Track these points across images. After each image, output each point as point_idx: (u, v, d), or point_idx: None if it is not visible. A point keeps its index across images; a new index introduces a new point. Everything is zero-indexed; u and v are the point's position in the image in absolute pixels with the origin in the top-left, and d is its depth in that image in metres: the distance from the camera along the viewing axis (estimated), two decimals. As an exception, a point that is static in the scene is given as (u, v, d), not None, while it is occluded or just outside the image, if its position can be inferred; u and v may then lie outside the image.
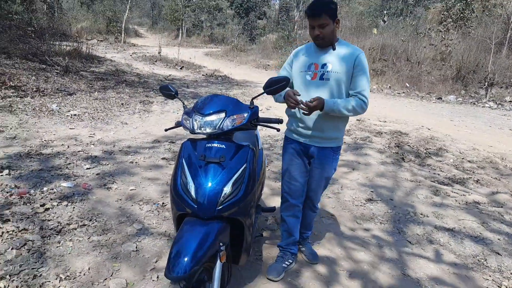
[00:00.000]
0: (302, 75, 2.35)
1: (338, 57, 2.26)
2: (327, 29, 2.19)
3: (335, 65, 2.25)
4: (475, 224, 3.59)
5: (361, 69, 2.24)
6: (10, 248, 2.48)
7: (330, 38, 2.23)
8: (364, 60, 2.26)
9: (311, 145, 2.39)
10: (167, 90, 2.25)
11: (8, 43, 10.07)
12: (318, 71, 2.29)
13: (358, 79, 2.24)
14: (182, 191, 1.86)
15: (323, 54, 2.30)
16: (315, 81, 2.29)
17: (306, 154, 2.45)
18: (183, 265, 1.59)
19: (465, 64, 13.50)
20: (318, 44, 2.28)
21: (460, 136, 7.18)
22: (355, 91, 2.25)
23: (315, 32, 2.21)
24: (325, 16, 2.15)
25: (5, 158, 4.01)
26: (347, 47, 2.29)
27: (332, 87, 2.26)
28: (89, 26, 28.46)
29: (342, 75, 2.24)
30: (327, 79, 2.26)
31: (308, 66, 2.33)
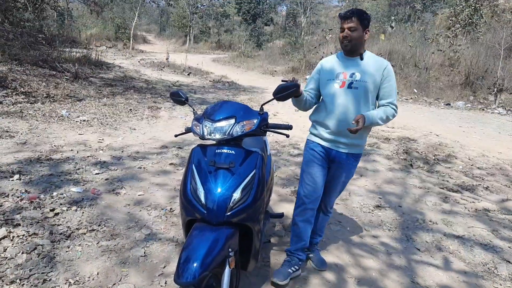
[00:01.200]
0: (330, 83, 2.40)
1: (366, 67, 2.33)
2: (356, 34, 2.26)
3: (364, 74, 2.32)
4: (485, 232, 3.55)
5: (391, 79, 2.33)
6: (20, 252, 2.51)
7: (357, 44, 2.30)
8: (392, 71, 2.36)
9: (333, 149, 2.44)
10: (178, 96, 2.28)
11: (19, 50, 10.23)
12: (346, 79, 2.35)
13: (389, 89, 2.34)
14: (191, 196, 1.87)
15: (352, 63, 2.37)
16: (343, 89, 2.35)
17: (327, 158, 2.49)
18: (192, 271, 1.59)
19: (473, 70, 13.42)
20: (345, 47, 2.33)
21: (469, 142, 7.11)
22: (387, 100, 2.35)
23: (343, 33, 2.29)
24: (355, 20, 2.24)
25: (16, 163, 4.06)
26: (375, 58, 2.39)
27: (360, 95, 2.32)
28: (98, 33, 28.87)
29: (370, 85, 2.31)
30: (356, 88, 2.32)
31: (336, 75, 2.39)
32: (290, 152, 5.69)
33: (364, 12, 2.29)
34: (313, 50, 19.18)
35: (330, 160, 2.49)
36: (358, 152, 2.48)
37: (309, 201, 2.52)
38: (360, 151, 2.49)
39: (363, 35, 2.30)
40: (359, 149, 2.48)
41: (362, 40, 2.31)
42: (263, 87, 13.60)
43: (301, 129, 7.24)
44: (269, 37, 32.58)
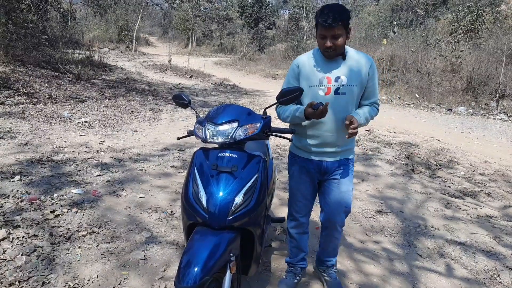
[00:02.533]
0: (313, 90, 2.14)
1: (351, 67, 2.10)
2: (341, 41, 1.99)
3: (350, 77, 2.09)
4: (487, 238, 3.53)
5: (375, 77, 2.17)
6: (20, 254, 2.49)
7: (341, 50, 2.06)
8: (375, 67, 2.17)
9: (323, 161, 2.23)
10: (180, 99, 2.27)
11: (22, 50, 10.27)
12: (331, 85, 2.10)
13: (373, 88, 2.19)
14: (193, 200, 1.86)
15: (334, 65, 2.11)
16: (329, 96, 2.10)
17: (317, 172, 2.28)
18: (193, 275, 1.58)
19: (475, 76, 13.41)
20: (328, 55, 2.08)
21: (471, 148, 7.09)
22: (370, 100, 2.22)
23: (327, 43, 1.99)
24: (340, 27, 1.95)
25: (17, 164, 4.06)
26: (357, 55, 2.14)
27: (349, 101, 2.12)
28: (101, 35, 28.98)
29: (356, 87, 2.11)
30: (343, 93, 2.10)
31: (320, 80, 2.12)
32: (292, 156, 5.67)
33: (345, 11, 1.98)
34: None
35: (322, 173, 2.27)
36: (352, 156, 2.32)
37: (302, 216, 2.42)
38: (352, 154, 2.32)
39: (347, 37, 2.04)
40: (351, 152, 2.31)
41: (345, 43, 2.05)
42: (265, 90, 13.61)
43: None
44: (271, 40, 32.65)
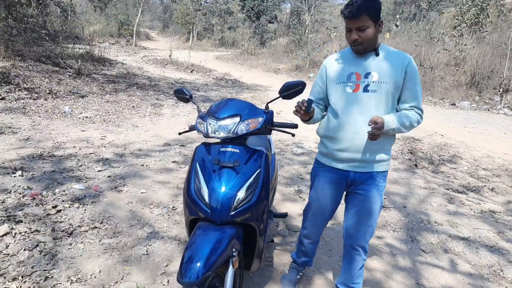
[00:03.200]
0: (341, 87, 1.98)
1: (384, 64, 1.90)
2: (368, 33, 1.84)
3: (382, 73, 1.90)
4: (490, 234, 3.51)
5: (415, 77, 1.91)
6: (22, 249, 2.49)
7: (371, 44, 1.88)
8: (415, 66, 1.92)
9: (351, 171, 2.03)
10: (182, 93, 2.24)
11: (22, 45, 10.24)
12: (361, 81, 1.93)
13: (412, 90, 1.91)
14: (195, 195, 1.84)
15: (365, 61, 1.94)
16: (358, 93, 1.93)
17: (343, 182, 2.08)
18: (196, 270, 1.57)
19: (479, 70, 13.32)
20: (356, 50, 1.92)
21: (474, 143, 7.05)
22: (410, 104, 1.93)
23: (353, 36, 1.86)
24: (365, 17, 1.80)
25: (18, 160, 4.05)
26: (393, 51, 1.95)
27: (380, 100, 1.91)
28: (101, 30, 28.86)
29: (390, 85, 1.89)
30: (373, 91, 1.91)
31: (348, 76, 1.97)
32: (294, 151, 5.65)
33: (371, 2, 1.81)
34: (317, 48, 19.11)
35: (348, 184, 2.07)
36: (383, 170, 2.02)
37: (315, 228, 2.31)
38: (385, 168, 2.03)
39: (376, 30, 1.86)
40: (384, 165, 2.02)
41: (376, 36, 1.88)
42: (267, 85, 13.55)
43: (305, 128, 7.20)
44: (273, 34, 32.49)
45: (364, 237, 2.09)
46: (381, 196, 2.06)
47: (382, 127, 1.80)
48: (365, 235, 2.09)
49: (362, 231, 2.07)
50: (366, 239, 2.10)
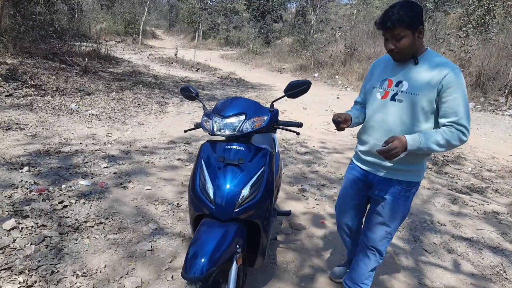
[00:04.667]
0: (374, 92, 1.97)
1: (419, 74, 1.81)
2: (404, 42, 1.76)
3: (413, 84, 1.81)
4: (494, 235, 3.51)
5: (454, 90, 1.73)
6: (29, 243, 2.53)
7: (408, 52, 1.80)
8: (458, 79, 1.74)
9: (371, 173, 2.02)
10: (188, 91, 2.27)
11: (30, 43, 10.33)
12: (391, 89, 1.88)
13: (451, 104, 1.74)
14: (200, 192, 1.87)
15: (402, 68, 1.88)
16: (385, 100, 1.90)
17: (362, 182, 2.09)
18: (200, 266, 1.59)
19: (484, 71, 13.24)
20: (395, 59, 1.87)
21: (479, 144, 7.03)
22: (448, 119, 1.75)
23: (389, 45, 1.80)
24: (400, 27, 1.73)
25: (25, 155, 4.10)
26: (436, 61, 1.80)
27: (404, 111, 1.83)
28: (107, 28, 28.98)
29: (420, 98, 1.78)
30: (399, 101, 1.84)
31: (382, 81, 1.94)
32: (298, 150, 5.67)
33: (407, 10, 1.71)
34: (322, 48, 19.08)
35: (368, 186, 2.06)
36: (408, 180, 1.92)
37: (341, 221, 2.35)
38: (411, 178, 1.92)
39: (415, 38, 1.76)
40: (409, 175, 1.92)
41: (416, 44, 1.78)
42: (271, 84, 13.56)
43: (309, 127, 7.22)
44: (278, 34, 32.46)
45: (380, 240, 2.04)
46: (404, 206, 1.97)
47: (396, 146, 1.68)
48: (381, 239, 2.04)
49: (378, 234, 2.04)
50: (382, 242, 2.05)
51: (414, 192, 1.96)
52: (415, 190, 1.96)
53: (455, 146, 1.77)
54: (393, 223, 2.00)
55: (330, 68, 17.56)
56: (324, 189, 4.23)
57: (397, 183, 1.93)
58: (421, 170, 1.94)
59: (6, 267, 2.27)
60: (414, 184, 1.93)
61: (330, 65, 17.85)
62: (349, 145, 6.29)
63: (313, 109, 9.13)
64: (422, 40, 1.81)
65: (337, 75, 16.51)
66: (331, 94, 12.18)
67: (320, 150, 5.77)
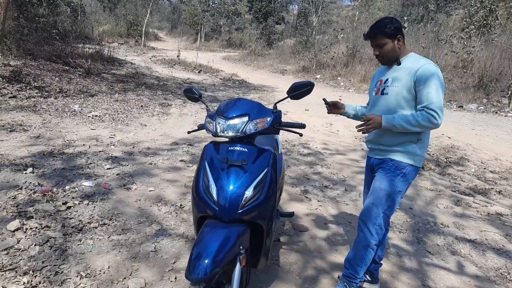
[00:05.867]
0: (371, 92, 2.45)
1: (401, 71, 2.23)
2: (386, 48, 2.21)
3: (396, 78, 2.23)
4: (497, 236, 3.50)
5: (425, 81, 2.11)
6: (33, 244, 2.54)
7: (391, 56, 2.24)
8: (428, 71, 2.12)
9: (372, 157, 2.41)
10: (191, 92, 2.28)
11: (34, 45, 10.38)
12: (381, 86, 2.32)
13: (423, 92, 2.12)
14: (204, 193, 1.87)
15: (389, 70, 2.32)
16: (377, 96, 2.33)
17: (371, 168, 2.45)
18: (204, 267, 1.60)
19: (487, 72, 13.21)
20: (381, 62, 2.33)
21: (482, 145, 7.01)
22: (421, 104, 2.13)
23: (375, 52, 2.28)
24: (380, 36, 2.19)
25: (29, 157, 4.12)
26: (414, 60, 2.22)
27: (390, 101, 2.24)
28: (110, 30, 29.11)
29: (401, 89, 2.19)
30: (386, 94, 2.27)
31: (376, 83, 2.40)
32: (300, 151, 5.67)
33: (386, 24, 2.19)
34: (324, 49, 19.10)
35: (371, 170, 2.43)
36: (399, 160, 2.23)
37: None
38: (402, 159, 2.22)
39: (395, 45, 2.21)
40: (400, 156, 2.23)
41: (396, 49, 2.22)
42: (273, 85, 13.57)
43: (311, 129, 7.22)
44: (280, 36, 32.52)
45: (367, 214, 2.26)
46: (391, 182, 2.22)
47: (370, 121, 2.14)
48: (369, 212, 2.25)
49: (367, 208, 2.27)
50: (370, 217, 2.24)
51: (404, 174, 2.21)
52: (406, 172, 2.21)
53: (426, 127, 2.11)
54: (378, 195, 2.24)
55: (332, 70, 17.56)
56: (326, 190, 4.23)
57: (389, 161, 2.26)
58: (412, 153, 2.21)
59: (10, 268, 2.28)
60: (404, 165, 2.22)
61: (332, 66, 17.86)
62: (352, 147, 6.28)
63: (315, 111, 9.13)
64: (403, 46, 2.24)
65: (339, 77, 16.52)
66: (333, 95, 12.17)
67: (323, 152, 5.77)
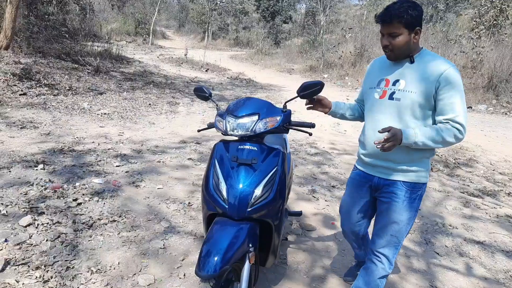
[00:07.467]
0: (371, 92, 1.98)
1: (416, 72, 1.81)
2: (399, 40, 1.77)
3: (411, 82, 1.80)
4: (506, 238, 3.47)
5: (451, 88, 1.72)
6: (45, 239, 2.58)
7: (403, 51, 1.81)
8: (455, 76, 1.73)
9: (375, 176, 1.99)
10: (201, 91, 2.30)
11: (43, 42, 10.49)
12: (388, 88, 1.88)
13: (448, 101, 1.73)
14: (214, 191, 1.89)
15: (398, 68, 1.87)
16: (383, 100, 1.89)
17: (367, 186, 2.05)
18: (213, 264, 1.61)
19: (497, 73, 13.07)
20: (388, 56, 1.88)
21: (491, 147, 6.95)
22: (445, 116, 1.74)
23: (384, 41, 1.82)
24: (397, 24, 1.74)
25: (40, 153, 4.17)
26: (432, 60, 1.80)
27: (402, 110, 1.82)
28: (118, 28, 29.27)
29: (418, 96, 1.78)
30: (397, 99, 1.83)
31: (378, 82, 1.94)
32: (308, 151, 5.67)
33: (407, 9, 1.71)
34: (332, 49, 19.03)
35: (374, 189, 2.02)
36: (412, 180, 1.88)
37: (346, 227, 2.30)
38: (417, 180, 1.88)
39: (411, 38, 1.77)
40: (414, 176, 1.88)
41: (410, 44, 1.79)
42: (281, 85, 13.56)
43: (319, 129, 7.21)
44: (288, 35, 32.45)
45: (387, 245, 1.96)
46: (411, 208, 1.90)
47: (388, 140, 1.67)
48: (388, 244, 1.95)
49: (385, 240, 1.95)
50: (390, 248, 1.96)
51: (421, 195, 1.92)
52: (422, 192, 1.91)
53: (451, 143, 1.78)
54: (399, 227, 1.92)
55: (340, 69, 17.50)
56: (334, 190, 4.23)
57: (402, 185, 1.88)
58: (425, 170, 1.90)
59: (23, 262, 2.32)
60: (420, 185, 1.89)
61: (340, 66, 17.79)
62: (359, 147, 6.26)
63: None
64: (418, 41, 1.82)
65: (347, 76, 16.45)
66: (341, 95, 12.13)
67: (330, 151, 5.76)
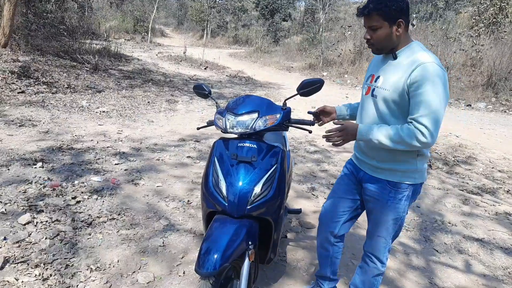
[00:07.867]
0: (363, 88, 1.96)
1: (394, 68, 1.74)
2: (380, 34, 1.71)
3: (387, 79, 1.76)
4: (505, 236, 3.48)
5: (420, 85, 1.60)
6: (44, 237, 2.58)
7: (384, 45, 1.75)
8: (432, 72, 1.60)
9: (361, 170, 1.96)
10: (201, 89, 2.29)
11: (42, 40, 10.45)
12: (372, 84, 1.85)
13: (417, 99, 1.62)
14: (213, 188, 1.89)
15: (383, 64, 1.84)
16: (367, 96, 1.87)
17: (354, 175, 2.02)
18: (213, 262, 1.61)
19: (496, 71, 13.07)
20: (372, 50, 1.83)
21: (490, 144, 6.96)
22: (411, 116, 1.65)
23: (366, 35, 1.77)
24: (376, 17, 1.68)
25: (39, 151, 4.16)
26: (411, 54, 1.71)
27: (379, 107, 1.78)
28: (117, 26, 29.16)
29: (391, 94, 1.71)
30: (375, 96, 1.80)
31: (368, 77, 1.93)
32: (307, 148, 5.67)
33: (386, 1, 1.64)
34: (331, 47, 19.00)
35: (358, 181, 1.99)
36: (398, 181, 1.79)
37: (324, 222, 2.15)
38: (403, 180, 1.79)
39: (392, 30, 1.69)
40: (399, 176, 1.79)
41: (393, 37, 1.71)
42: (280, 83, 13.54)
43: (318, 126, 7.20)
44: (287, 32, 32.38)
45: (376, 246, 1.96)
46: (396, 209, 1.83)
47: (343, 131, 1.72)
48: (377, 245, 1.95)
49: (374, 240, 1.96)
50: (379, 248, 1.95)
51: (409, 196, 1.82)
52: (409, 193, 1.81)
53: (412, 146, 1.63)
54: (385, 228, 1.89)
55: (339, 67, 17.48)
56: (333, 188, 4.22)
57: (387, 184, 1.82)
58: (412, 171, 1.79)
59: (22, 260, 2.32)
60: (406, 186, 1.79)
61: (339, 64, 17.77)
62: (359, 144, 6.26)
63: (322, 108, 9.09)
64: (403, 34, 1.72)
65: (346, 74, 16.44)
66: (340, 93, 12.13)
67: (329, 149, 5.76)
